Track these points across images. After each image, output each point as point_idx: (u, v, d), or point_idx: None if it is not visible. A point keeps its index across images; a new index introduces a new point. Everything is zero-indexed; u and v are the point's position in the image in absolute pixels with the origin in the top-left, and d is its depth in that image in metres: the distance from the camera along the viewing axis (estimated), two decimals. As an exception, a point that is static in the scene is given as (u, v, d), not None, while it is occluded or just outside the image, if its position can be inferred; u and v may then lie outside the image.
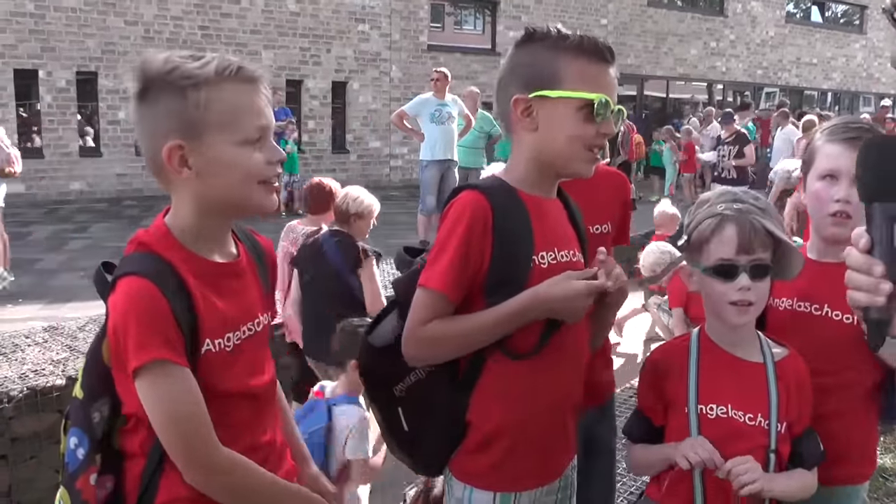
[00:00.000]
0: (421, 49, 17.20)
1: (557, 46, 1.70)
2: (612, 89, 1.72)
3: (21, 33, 13.27)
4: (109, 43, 14.02)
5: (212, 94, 1.46)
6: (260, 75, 1.52)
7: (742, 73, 23.02)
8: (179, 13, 14.61)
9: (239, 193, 1.52)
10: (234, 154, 1.48)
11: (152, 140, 1.49)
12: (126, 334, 1.39)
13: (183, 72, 1.45)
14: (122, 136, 14.47)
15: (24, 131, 13.94)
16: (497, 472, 1.74)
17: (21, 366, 4.01)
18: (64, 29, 13.61)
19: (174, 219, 1.54)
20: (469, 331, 1.67)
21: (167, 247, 1.50)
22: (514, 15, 18.12)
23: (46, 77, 13.63)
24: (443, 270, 1.66)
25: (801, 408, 1.91)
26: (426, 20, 17.39)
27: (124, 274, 1.44)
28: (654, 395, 2.00)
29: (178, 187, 1.52)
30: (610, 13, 19.80)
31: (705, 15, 22.15)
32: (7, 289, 7.77)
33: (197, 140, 1.46)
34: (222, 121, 1.47)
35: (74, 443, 1.52)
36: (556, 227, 1.79)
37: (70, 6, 13.60)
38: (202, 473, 1.46)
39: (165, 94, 1.46)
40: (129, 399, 1.47)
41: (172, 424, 1.42)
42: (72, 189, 14.07)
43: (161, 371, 1.39)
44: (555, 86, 1.68)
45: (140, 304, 1.40)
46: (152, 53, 1.49)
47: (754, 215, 1.88)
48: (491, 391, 1.72)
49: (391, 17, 16.76)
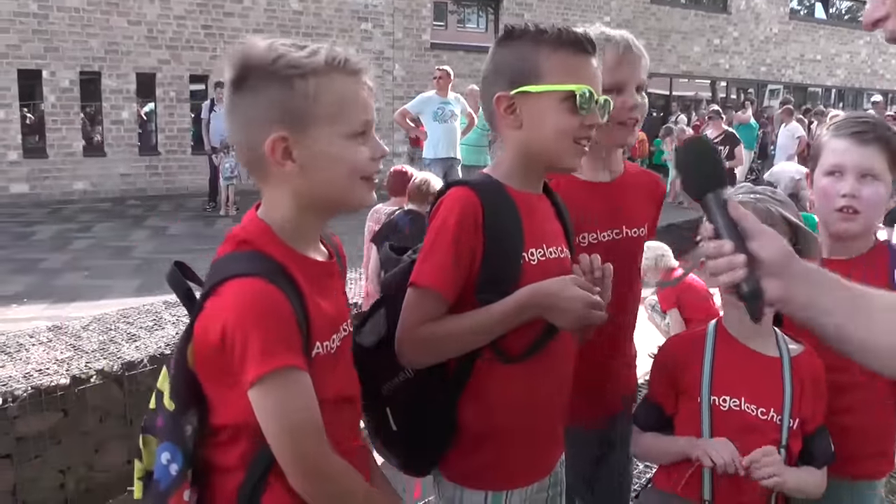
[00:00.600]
0: (424, 47, 17.20)
1: (537, 41, 1.69)
2: (595, 80, 1.71)
3: (24, 33, 13.30)
4: (112, 43, 14.04)
5: (320, 84, 1.38)
6: (364, 67, 1.45)
7: (746, 71, 22.97)
8: (182, 12, 14.62)
9: (342, 188, 1.45)
10: (341, 148, 1.41)
11: (251, 130, 1.40)
12: (245, 341, 1.29)
13: (290, 60, 1.37)
14: (126, 136, 14.51)
15: (27, 131, 13.98)
16: (488, 472, 1.74)
17: (25, 365, 4.01)
18: (67, 29, 13.63)
19: (271, 214, 1.45)
20: (467, 330, 1.64)
21: (271, 244, 1.41)
22: (517, 13, 18.11)
23: (50, 77, 13.66)
24: (435, 267, 1.64)
25: (815, 405, 1.91)
26: (429, 18, 17.39)
27: (234, 275, 1.34)
28: (667, 383, 2.00)
29: (276, 181, 1.43)
30: (613, 10, 19.77)
31: (708, 12, 22.11)
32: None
33: (302, 132, 1.38)
34: (330, 113, 1.39)
35: (167, 458, 1.41)
36: (544, 223, 1.78)
37: (73, 6, 13.63)
38: (316, 482, 1.39)
39: (269, 83, 1.38)
40: (226, 409, 1.38)
41: (294, 435, 1.34)
42: (75, 189, 14.10)
43: (286, 379, 1.31)
44: (536, 81, 1.67)
45: (260, 307, 1.31)
46: (253, 40, 1.41)
47: (770, 203, 1.89)
48: (481, 392, 1.70)
49: (394, 15, 16.76)
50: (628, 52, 2.01)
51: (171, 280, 1.48)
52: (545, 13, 18.14)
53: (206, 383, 1.40)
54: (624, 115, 1.99)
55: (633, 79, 2.01)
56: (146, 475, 1.50)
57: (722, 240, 1.25)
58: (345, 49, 1.43)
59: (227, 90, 1.43)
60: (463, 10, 19.08)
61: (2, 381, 3.77)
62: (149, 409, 1.51)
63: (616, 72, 1.97)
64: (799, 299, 1.22)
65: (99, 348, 4.26)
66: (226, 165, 12.42)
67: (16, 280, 8.40)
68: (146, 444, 1.50)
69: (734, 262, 1.21)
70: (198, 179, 14.46)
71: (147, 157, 14.82)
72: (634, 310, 2.24)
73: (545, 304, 1.62)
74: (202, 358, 1.38)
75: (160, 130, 14.98)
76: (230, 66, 1.40)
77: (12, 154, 13.58)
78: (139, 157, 14.73)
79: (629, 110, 2.00)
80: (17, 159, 13.64)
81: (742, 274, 1.21)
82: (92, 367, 3.99)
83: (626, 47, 2.00)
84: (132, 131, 14.65)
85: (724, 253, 1.22)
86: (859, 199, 1.93)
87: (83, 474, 3.96)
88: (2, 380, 3.79)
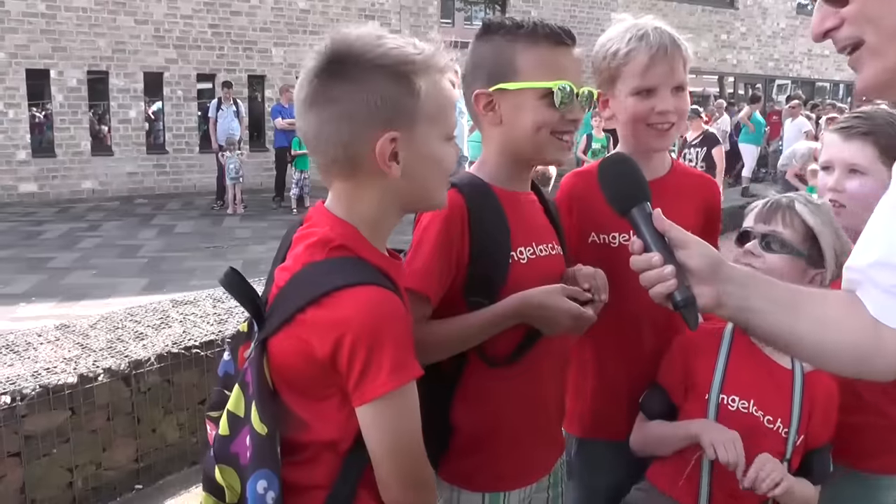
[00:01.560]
0: (430, 45, 17.19)
1: (513, 36, 1.67)
2: (573, 72, 1.69)
3: (33, 33, 13.35)
4: (120, 42, 14.08)
5: (428, 83, 1.33)
6: (452, 66, 1.41)
7: (753, 66, 22.88)
8: (189, 11, 14.65)
9: (435, 189, 1.41)
10: (442, 149, 1.38)
11: (353, 126, 1.30)
12: (373, 354, 1.23)
13: (402, 55, 1.30)
14: (134, 135, 14.55)
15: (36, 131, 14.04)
16: (484, 473, 1.73)
17: (33, 364, 4.01)
18: (75, 29, 13.68)
19: (352, 214, 1.37)
20: (455, 334, 1.63)
21: (365, 249, 1.34)
22: (524, 10, 18.09)
23: (58, 77, 13.72)
24: (421, 270, 1.61)
25: (823, 425, 1.89)
26: (436, 16, 17.38)
27: (347, 285, 1.26)
28: (680, 372, 1.97)
29: (369, 182, 1.35)
30: (620, 6, 19.71)
31: (716, 7, 22.03)
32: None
33: (410, 132, 1.32)
34: (433, 113, 1.34)
35: (263, 487, 1.29)
36: (532, 220, 1.77)
37: (81, 6, 13.67)
38: (413, 493, 1.34)
39: (379, 77, 1.29)
40: (321, 425, 1.32)
41: (406, 450, 1.31)
42: (84, 188, 14.16)
43: (409, 393, 1.29)
44: (514, 77, 1.65)
45: (392, 318, 1.27)
46: (350, 28, 1.33)
47: (790, 199, 1.91)
48: (472, 394, 1.70)
49: (401, 13, 16.76)
50: (661, 56, 1.89)
51: (231, 286, 1.38)
52: (552, 10, 18.11)
53: (290, 397, 1.34)
54: (653, 118, 1.92)
55: (666, 82, 1.91)
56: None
57: (650, 252, 1.26)
58: (437, 48, 1.37)
59: (313, 79, 1.32)
60: (470, 8, 19.10)
61: (10, 380, 3.77)
62: (218, 434, 1.38)
63: (647, 76, 1.90)
64: (731, 303, 1.24)
65: (106, 347, 4.27)
66: (230, 166, 12.44)
67: (24, 279, 8.44)
68: (224, 475, 1.37)
69: (663, 273, 1.22)
70: (205, 178, 14.50)
71: (155, 155, 14.86)
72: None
73: (532, 315, 1.62)
74: (289, 372, 1.32)
75: (167, 129, 15.02)
76: (325, 54, 1.31)
77: (21, 153, 13.65)
78: (147, 155, 14.76)
79: (659, 114, 1.91)
80: (25, 158, 13.70)
81: (673, 284, 1.22)
82: (99, 365, 4.00)
83: (659, 49, 1.89)
84: (140, 130, 14.69)
85: (653, 265, 1.24)
86: (843, 192, 1.98)
87: (91, 472, 3.96)
88: (10, 378, 3.79)
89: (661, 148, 2.02)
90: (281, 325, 1.30)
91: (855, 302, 1.24)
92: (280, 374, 1.33)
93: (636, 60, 1.90)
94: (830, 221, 1.90)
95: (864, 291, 1.21)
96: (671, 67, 1.91)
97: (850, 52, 1.05)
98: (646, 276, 1.25)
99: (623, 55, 1.92)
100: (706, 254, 1.26)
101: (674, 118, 1.93)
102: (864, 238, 1.23)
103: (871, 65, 1.02)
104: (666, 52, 1.90)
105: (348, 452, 1.33)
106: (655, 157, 2.03)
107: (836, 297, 1.30)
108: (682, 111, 1.96)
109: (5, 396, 3.61)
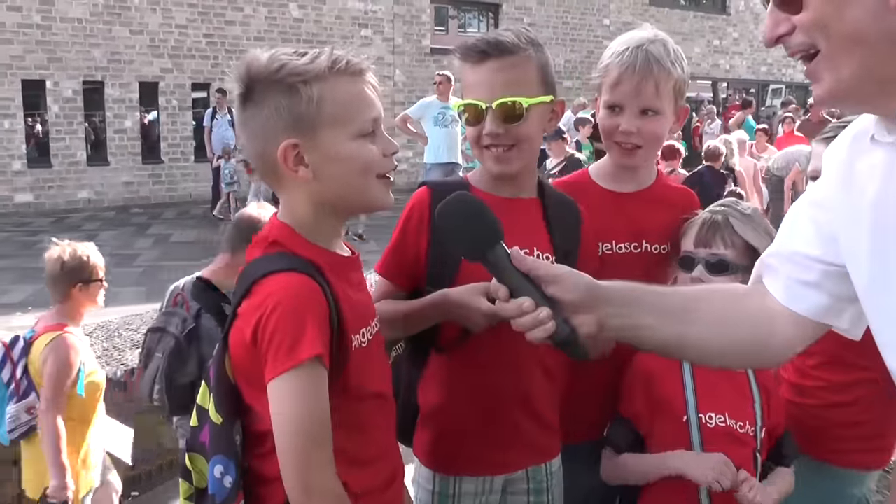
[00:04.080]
0: (424, 52, 17.25)
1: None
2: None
3: (28, 44, 13.38)
4: (115, 52, 14.12)
5: (324, 89, 1.39)
6: (366, 66, 1.47)
7: (746, 71, 22.98)
8: (184, 21, 14.69)
9: (357, 188, 1.46)
10: (351, 148, 1.42)
11: (262, 141, 1.42)
12: (286, 332, 1.30)
13: (292, 68, 1.38)
14: (129, 145, 14.57)
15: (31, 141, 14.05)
16: (434, 450, 1.84)
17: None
18: (70, 39, 13.71)
19: (291, 218, 1.47)
20: (389, 315, 1.70)
21: (298, 244, 1.43)
22: (517, 17, 18.15)
23: (53, 87, 13.74)
24: (383, 257, 1.83)
25: (777, 409, 1.95)
26: (429, 24, 17.44)
27: (274, 271, 1.36)
28: (642, 399, 1.94)
29: (292, 187, 1.45)
30: (612, 13, 19.81)
31: (708, 13, 22.14)
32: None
33: (312, 137, 1.40)
34: (336, 115, 1.40)
35: (220, 471, 1.39)
36: (510, 224, 1.74)
37: (76, 16, 13.70)
38: (305, 495, 1.32)
39: (274, 93, 1.39)
40: (267, 414, 1.36)
41: (305, 429, 1.31)
42: (80, 197, 14.17)
43: (313, 371, 1.30)
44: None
45: (305, 299, 1.33)
46: (255, 53, 1.42)
47: (727, 215, 1.91)
48: (433, 376, 1.83)
49: (394, 21, 16.81)
50: (628, 74, 1.89)
51: (196, 295, 1.50)
52: (544, 17, 18.18)
53: (246, 389, 1.42)
54: (618, 135, 1.93)
55: (631, 102, 1.90)
56: (196, 494, 1.51)
57: (520, 298, 1.18)
58: (345, 51, 1.44)
59: (237, 106, 1.46)
60: (464, 15, 19.13)
61: (8, 388, 3.81)
62: (189, 426, 1.52)
63: (614, 92, 1.92)
64: (614, 324, 1.23)
65: (103, 354, 4.32)
66: (225, 172, 12.49)
67: (20, 288, 8.46)
68: (193, 462, 1.49)
69: (539, 317, 1.17)
70: (200, 187, 14.53)
71: (150, 164, 14.89)
72: None
73: (452, 312, 1.67)
74: (238, 362, 1.40)
75: (163, 138, 15.05)
76: (236, 81, 1.43)
77: (16, 164, 13.66)
78: (142, 165, 14.79)
79: (622, 133, 1.92)
80: (21, 169, 13.72)
81: (551, 327, 1.17)
82: (96, 373, 4.03)
83: (628, 68, 1.89)
84: (135, 140, 14.72)
85: (525, 311, 1.18)
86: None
87: (89, 479, 3.99)
88: (8, 386, 3.83)
89: (630, 165, 2.01)
90: (231, 321, 1.42)
91: (750, 295, 1.28)
92: (235, 368, 1.41)
93: (609, 75, 1.94)
94: (763, 227, 1.92)
95: (773, 279, 1.25)
96: (638, 88, 1.89)
97: (805, 60, 1.03)
98: (520, 322, 1.18)
99: (603, 67, 1.97)
100: (578, 282, 1.22)
101: (637, 140, 1.92)
102: (787, 227, 1.26)
103: (826, 76, 0.99)
104: (634, 71, 1.88)
105: None
106: (641, 169, 2.05)
107: (720, 295, 1.34)
108: (650, 135, 1.93)
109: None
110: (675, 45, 1.96)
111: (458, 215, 1.30)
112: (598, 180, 2.06)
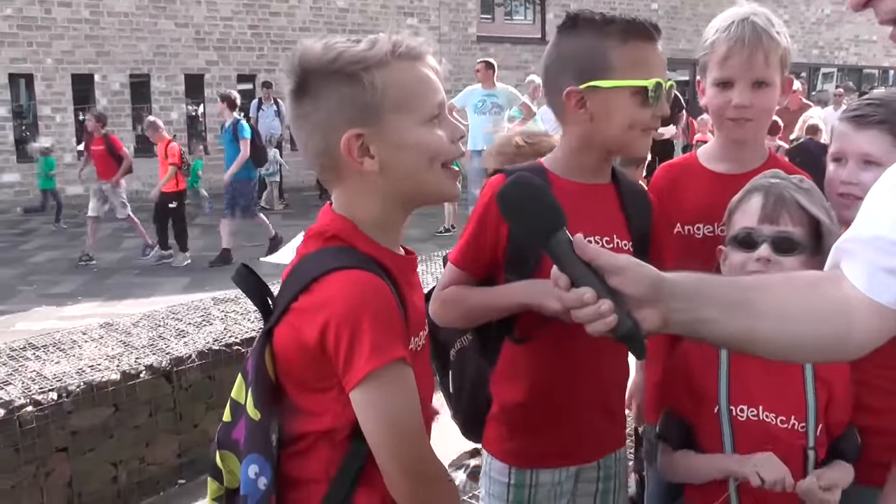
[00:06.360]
0: (470, 41, 17.16)
1: (604, 32, 1.66)
2: (662, 68, 1.70)
3: (77, 39, 13.62)
4: (161, 45, 14.30)
5: (387, 75, 1.32)
6: (427, 49, 1.39)
7: (797, 54, 22.41)
8: (229, 13, 14.81)
9: (425, 178, 1.37)
10: (419, 134, 1.35)
11: (323, 135, 1.34)
12: (355, 335, 1.23)
13: (351, 56, 1.31)
14: (175, 137, 14.73)
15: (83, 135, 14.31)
16: (510, 445, 1.82)
17: (78, 361, 4.11)
18: (117, 33, 13.92)
19: (353, 212, 1.38)
20: (467, 302, 1.76)
21: (359, 239, 1.35)
22: (564, 3, 17.95)
23: (102, 81, 13.97)
24: (459, 246, 1.80)
25: (842, 408, 1.80)
26: (475, 12, 17.34)
27: (333, 269, 1.28)
28: (684, 389, 1.87)
29: (355, 181, 1.36)
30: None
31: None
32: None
33: (377, 126, 1.32)
34: (400, 101, 1.33)
35: (255, 472, 1.32)
36: (592, 211, 1.74)
37: (123, 11, 13.91)
38: (416, 484, 1.31)
39: (333, 83, 1.32)
40: (319, 415, 1.32)
41: (403, 431, 1.28)
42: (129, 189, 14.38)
43: (398, 373, 1.26)
44: (606, 74, 1.64)
45: (374, 299, 1.26)
46: (307, 43, 1.35)
47: (788, 189, 1.76)
48: (507, 366, 1.81)
49: (440, 9, 16.74)
50: (738, 47, 1.87)
51: (241, 282, 1.41)
52: (591, 2, 17.93)
53: (292, 388, 1.35)
54: (730, 111, 1.90)
55: (743, 75, 1.87)
56: (226, 494, 1.43)
57: (580, 288, 1.11)
58: (404, 34, 1.37)
59: (291, 101, 1.38)
60: (510, 3, 19.01)
61: (57, 377, 3.86)
62: (222, 421, 1.43)
63: (723, 67, 1.89)
64: (680, 318, 1.13)
65: (148, 344, 4.34)
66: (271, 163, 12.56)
67: (71, 279, 8.64)
68: (225, 461, 1.41)
69: (601, 310, 1.09)
70: (246, 178, 14.64)
71: (197, 156, 15.06)
72: None
73: (532, 305, 1.64)
74: (290, 362, 1.33)
75: (209, 130, 15.20)
76: (288, 74, 1.35)
77: (67, 156, 13.92)
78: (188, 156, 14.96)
79: (735, 108, 1.89)
80: (72, 161, 13.97)
81: (613, 320, 1.09)
82: (141, 362, 4.07)
83: (737, 41, 1.86)
84: (181, 131, 14.89)
85: (586, 302, 1.10)
86: (858, 185, 1.82)
87: (135, 467, 4.04)
88: (57, 376, 3.88)
89: (741, 138, 1.96)
90: (280, 316, 1.33)
91: (824, 283, 1.18)
92: (282, 367, 1.35)
93: (717, 51, 1.91)
94: (822, 203, 1.79)
95: (853, 265, 1.15)
96: (749, 60, 1.86)
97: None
98: (580, 314, 1.11)
99: (709, 45, 1.94)
100: (643, 275, 1.13)
101: (751, 114, 1.89)
102: (867, 210, 1.16)
103: None
104: (744, 43, 1.86)
105: (345, 444, 1.33)
106: (749, 148, 1.99)
107: (791, 284, 1.23)
108: (763, 108, 1.90)
109: (52, 393, 3.70)
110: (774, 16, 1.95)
111: (519, 199, 1.19)
112: (705, 163, 2.03)
